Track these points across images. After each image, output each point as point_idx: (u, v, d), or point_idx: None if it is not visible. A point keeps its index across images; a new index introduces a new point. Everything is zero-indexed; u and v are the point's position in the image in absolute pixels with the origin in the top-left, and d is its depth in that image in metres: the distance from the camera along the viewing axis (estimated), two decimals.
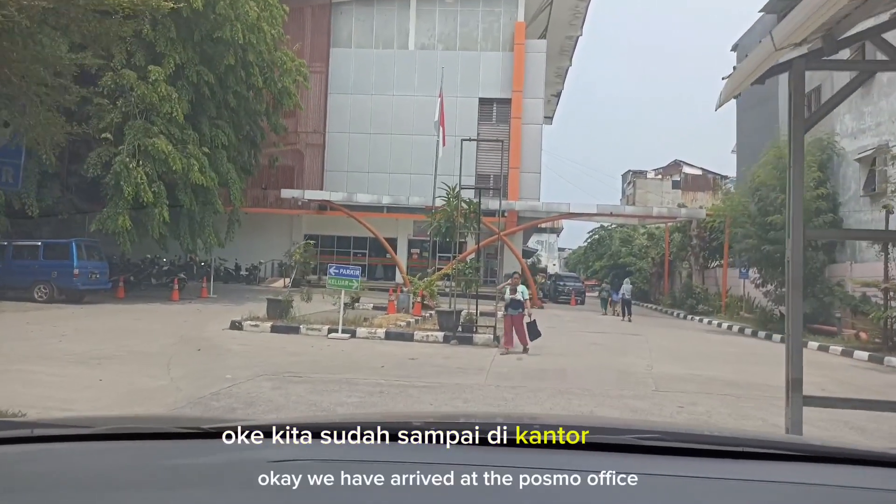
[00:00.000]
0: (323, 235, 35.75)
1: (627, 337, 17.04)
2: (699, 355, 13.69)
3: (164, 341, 11.52)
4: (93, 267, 18.24)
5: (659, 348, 14.37)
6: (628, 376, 10.17)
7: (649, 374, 10.51)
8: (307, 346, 11.98)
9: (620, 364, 11.58)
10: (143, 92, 18.77)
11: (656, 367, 11.20)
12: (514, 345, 12.14)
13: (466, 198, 13.87)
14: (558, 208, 27.91)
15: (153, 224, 19.48)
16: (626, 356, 12.78)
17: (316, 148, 35.32)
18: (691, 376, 10.50)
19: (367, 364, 10.34)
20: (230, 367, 9.12)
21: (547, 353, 12.58)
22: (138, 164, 18.86)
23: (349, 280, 13.17)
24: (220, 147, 22.59)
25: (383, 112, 34.90)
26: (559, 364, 11.32)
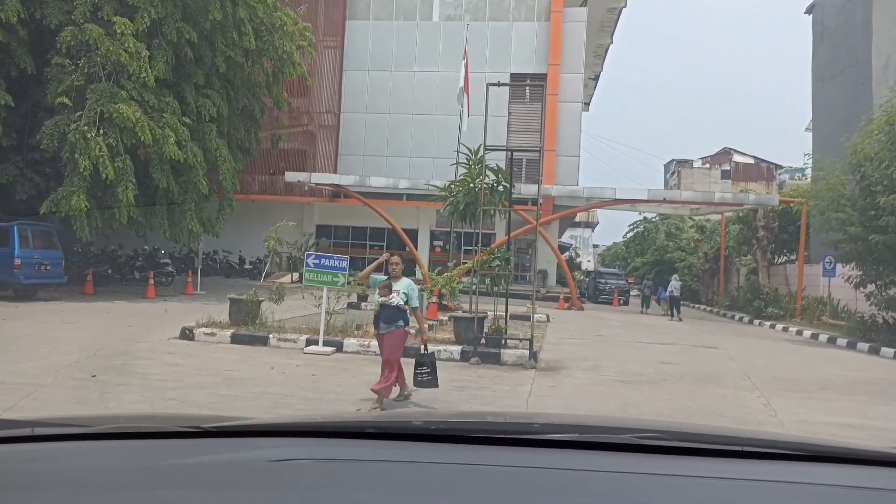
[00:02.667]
0: (336, 226, 32.53)
1: (701, 351, 13.22)
2: (815, 382, 9.84)
3: (68, 357, 8.20)
4: (42, 257, 15.11)
5: (754, 369, 10.57)
6: (749, 427, 6.43)
7: (776, 421, 6.79)
8: (267, 366, 8.53)
9: (722, 402, 7.81)
10: (108, 49, 15.56)
11: (777, 407, 7.46)
12: (398, 392, 6.86)
13: (493, 164, 10.26)
14: (602, 194, 24.00)
15: (120, 206, 16.29)
16: (720, 385, 9.03)
17: (329, 130, 32.02)
18: (839, 425, 6.77)
19: (338, 399, 6.86)
20: (110, 410, 5.71)
21: (606, 378, 8.92)
22: (98, 133, 15.67)
23: (333, 274, 9.69)
24: (206, 119, 19.34)
25: (403, 90, 31.43)
26: (631, 400, 7.61)
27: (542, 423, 1.55)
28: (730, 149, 53.22)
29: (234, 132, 21.68)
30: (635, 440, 1.21)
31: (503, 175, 10.12)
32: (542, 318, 17.53)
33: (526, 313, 17.03)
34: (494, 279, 9.96)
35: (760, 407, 7.51)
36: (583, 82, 31.98)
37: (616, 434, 1.31)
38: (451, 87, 30.77)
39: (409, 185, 25.91)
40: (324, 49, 31.91)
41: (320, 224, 32.45)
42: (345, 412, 6.12)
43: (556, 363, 9.93)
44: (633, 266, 44.34)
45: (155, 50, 17.23)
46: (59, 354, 8.53)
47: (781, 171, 52.94)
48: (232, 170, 20.28)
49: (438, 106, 30.79)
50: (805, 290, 22.97)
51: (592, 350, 11.96)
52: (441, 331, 13.09)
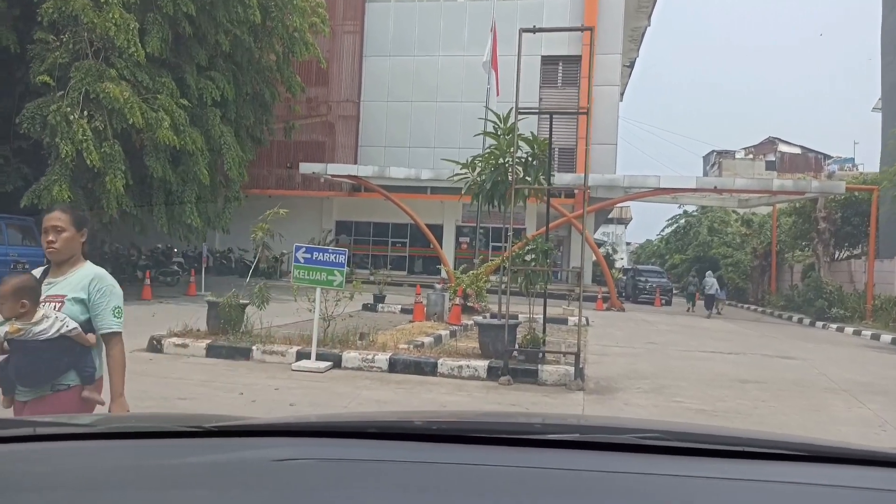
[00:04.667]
0: (357, 222, 30.76)
1: (779, 363, 10.97)
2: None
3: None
4: (20, 255, 13.52)
5: (858, 388, 8.35)
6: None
7: None
8: (236, 390, 6.65)
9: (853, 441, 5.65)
10: (93, 20, 13.90)
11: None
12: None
13: (527, 133, 8.18)
14: (644, 182, 21.65)
15: (108, 197, 14.65)
16: (831, 415, 6.83)
17: (349, 120, 30.22)
18: None
19: None
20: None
21: (679, 406, 6.82)
22: (83, 115, 14.03)
23: (328, 271, 7.76)
24: (209, 104, 17.65)
25: (427, 76, 29.47)
26: None
27: (543, 423, 1.57)
28: (775, 138, 50.06)
29: (243, 119, 19.95)
30: (636, 440, 1.20)
31: (540, 146, 8.08)
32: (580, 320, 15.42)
33: (561, 316, 14.92)
34: (529, 277, 7.90)
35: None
36: (620, 64, 29.64)
37: (617, 434, 1.29)
38: (479, 72, 28.77)
39: (431, 176, 23.93)
40: (342, 34, 30.17)
41: (340, 220, 30.71)
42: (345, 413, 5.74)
43: (609, 383, 7.86)
44: (671, 263, 41.80)
45: (149, 24, 15.56)
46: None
47: (830, 161, 49.66)
48: (238, 159, 18.55)
49: (464, 93, 28.82)
50: (875, 289, 20.40)
51: (649, 363, 9.85)
52: (465, 338, 11.10)
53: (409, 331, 10.86)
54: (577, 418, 2.90)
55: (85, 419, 1.48)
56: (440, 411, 5.25)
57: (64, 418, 1.50)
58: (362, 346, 8.48)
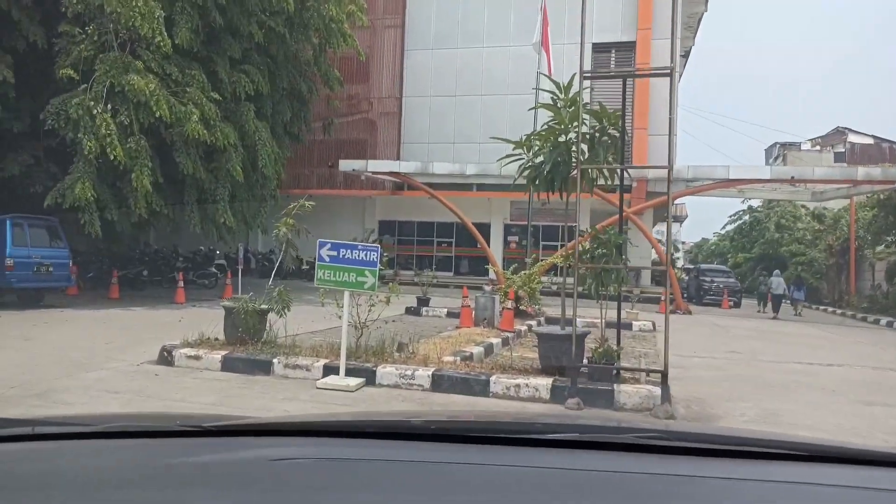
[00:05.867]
0: (400, 221, 29.64)
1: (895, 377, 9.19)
2: None
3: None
4: (43, 256, 12.78)
5: None
6: None
7: None
8: (247, 414, 5.42)
9: None
10: (116, 9, 13.08)
11: None
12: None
13: (594, 103, 6.73)
14: (712, 174, 19.72)
15: (135, 196, 13.82)
16: None
17: (391, 116, 29.14)
18: None
19: None
20: None
21: None
22: (107, 108, 13.23)
23: (358, 271, 6.50)
24: (243, 98, 16.75)
25: (471, 69, 28.14)
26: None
27: (544, 422, 1.54)
28: (844, 128, 46.74)
29: (279, 115, 19.03)
30: (636, 440, 1.20)
31: (610, 119, 6.64)
32: (646, 325, 13.82)
33: (625, 320, 13.34)
34: (601, 276, 6.44)
35: None
36: (678, 49, 27.68)
37: (617, 434, 1.29)
38: (526, 62, 27.27)
39: (477, 171, 22.59)
40: (383, 29, 29.17)
41: (383, 219, 29.64)
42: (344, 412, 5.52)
43: (703, 407, 6.36)
44: (733, 262, 39.33)
45: (177, 14, 14.72)
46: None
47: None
48: (274, 156, 17.60)
49: (510, 85, 27.39)
50: None
51: (741, 379, 8.26)
52: (519, 347, 9.70)
53: (455, 339, 9.53)
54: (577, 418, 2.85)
55: (84, 419, 1.47)
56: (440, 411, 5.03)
57: (63, 418, 1.50)
58: (400, 359, 7.19)
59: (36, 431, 1.28)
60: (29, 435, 1.27)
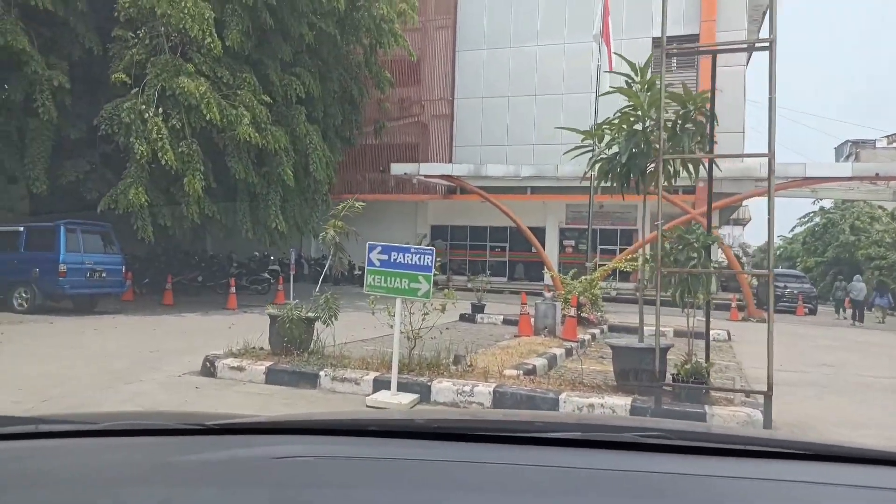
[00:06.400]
0: (453, 226, 29.05)
1: None
2: None
3: None
4: (96, 262, 12.70)
5: None
6: None
7: None
8: None
9: None
10: (166, 11, 12.96)
11: None
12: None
13: (675, 86, 5.90)
14: (786, 171, 18.34)
15: (188, 201, 13.66)
16: None
17: (443, 119, 28.64)
18: None
19: None
20: None
21: None
22: (158, 112, 13.11)
23: (411, 276, 5.88)
24: (294, 101, 16.49)
25: (525, 68, 27.40)
26: None
27: (545, 421, 1.56)
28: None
29: (330, 118, 18.75)
30: (638, 438, 1.19)
31: (697, 102, 5.83)
32: (720, 334, 12.74)
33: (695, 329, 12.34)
34: (687, 282, 5.61)
35: None
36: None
37: (619, 432, 1.28)
38: (581, 59, 26.37)
39: (532, 173, 21.80)
40: (434, 30, 28.75)
41: (435, 224, 29.13)
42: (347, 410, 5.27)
43: (814, 434, 5.45)
44: (803, 267, 37.15)
45: (228, 16, 14.55)
46: None
47: None
48: (326, 159, 17.29)
49: (565, 85, 26.53)
50: None
51: (846, 399, 7.26)
52: (585, 359, 8.89)
53: (515, 349, 8.81)
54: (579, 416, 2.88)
55: (88, 417, 1.43)
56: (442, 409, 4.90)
57: (67, 416, 1.46)
58: (458, 373, 6.52)
59: (39, 429, 1.28)
60: (32, 433, 1.27)
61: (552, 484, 1.02)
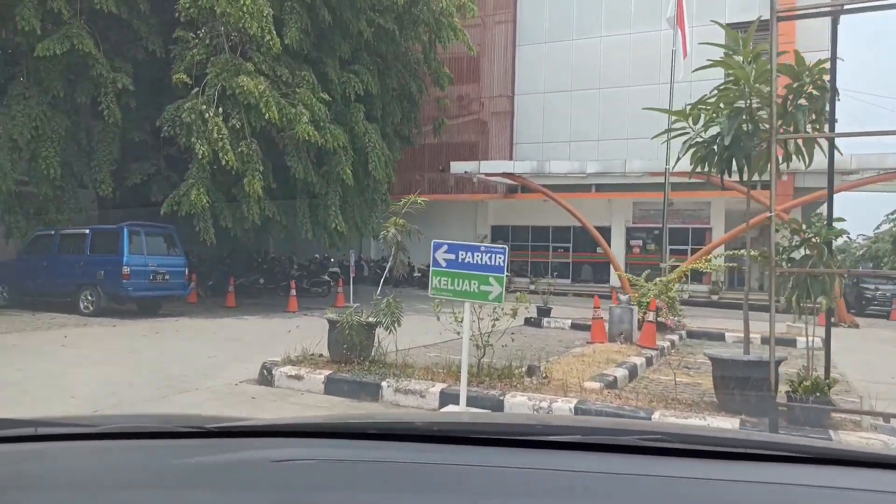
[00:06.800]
0: (514, 226, 28.30)
1: None
2: None
3: None
4: (159, 264, 12.67)
5: None
6: None
7: None
8: None
9: None
10: (225, 10, 12.83)
11: None
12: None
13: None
14: (882, 162, 16.77)
15: (248, 202, 13.50)
16: None
17: (502, 116, 27.96)
18: None
19: None
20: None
21: None
22: (218, 112, 12.98)
23: (481, 278, 5.29)
24: (353, 99, 16.18)
25: (588, 61, 26.38)
26: None
27: (545, 424, 1.51)
28: None
29: (389, 116, 18.38)
30: (638, 442, 1.19)
31: (812, 73, 5.01)
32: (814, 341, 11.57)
33: (785, 335, 11.22)
34: (808, 284, 4.79)
35: None
36: (830, 24, 24.42)
37: (619, 436, 1.26)
38: (648, 49, 25.19)
39: (598, 170, 20.86)
40: (493, 25, 28.11)
41: (496, 224, 28.44)
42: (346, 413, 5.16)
43: None
44: (891, 266, 34.57)
45: (287, 14, 14.35)
46: (47, 402, 5.23)
47: None
48: (385, 158, 16.93)
49: (632, 76, 25.41)
50: None
51: None
52: (667, 369, 8.08)
53: (590, 357, 8.09)
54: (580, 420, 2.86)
55: (87, 419, 1.45)
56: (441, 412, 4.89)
57: (66, 419, 1.49)
58: (532, 386, 5.89)
59: (39, 432, 1.27)
60: (32, 436, 1.26)
61: (553, 487, 1.02)
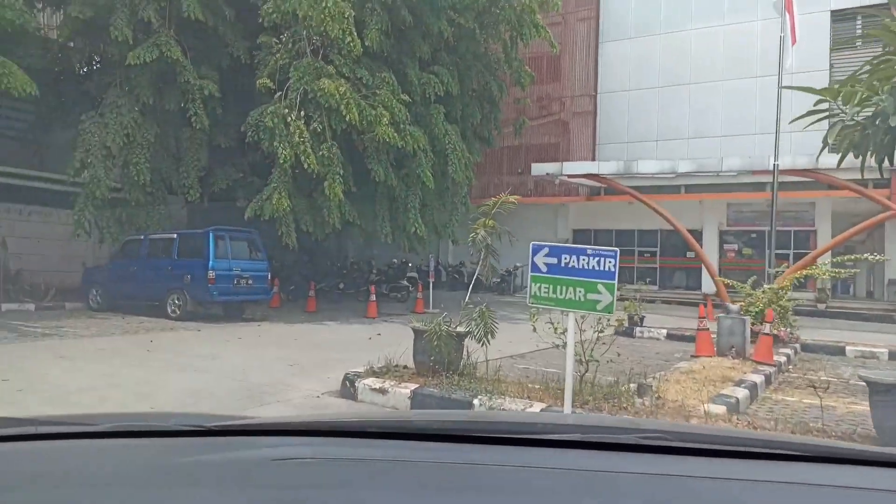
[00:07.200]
0: (596, 229, 27.18)
1: None
2: None
3: None
4: (243, 268, 12.66)
5: None
6: None
7: None
8: None
9: None
10: (308, 13, 12.73)
11: None
12: None
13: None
14: None
15: (329, 206, 13.34)
16: None
17: (585, 116, 26.97)
18: None
19: None
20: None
21: None
22: (300, 115, 12.88)
23: (588, 285, 4.64)
24: (432, 100, 15.82)
25: (677, 56, 25.04)
26: None
27: (545, 422, 1.53)
28: None
29: (469, 117, 17.91)
30: (637, 440, 1.18)
31: None
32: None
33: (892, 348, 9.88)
34: None
35: None
36: None
37: (618, 434, 1.27)
38: (742, 41, 23.63)
39: (692, 169, 19.57)
40: (575, 22, 27.19)
41: (577, 228, 27.41)
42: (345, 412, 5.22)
43: None
44: None
45: (367, 15, 14.16)
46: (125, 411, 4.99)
47: None
48: (465, 160, 16.46)
49: (725, 70, 23.94)
50: None
51: None
52: (790, 389, 7.12)
53: (701, 374, 7.25)
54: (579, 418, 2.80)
55: (87, 418, 1.42)
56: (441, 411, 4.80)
57: (66, 417, 1.49)
58: (646, 408, 5.17)
59: (39, 431, 1.27)
60: (31, 434, 1.26)
61: (552, 486, 1.00)
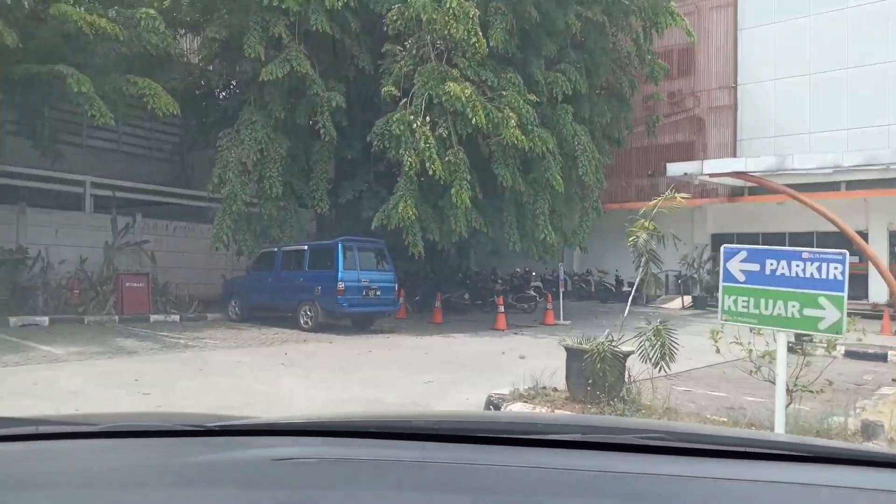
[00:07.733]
0: (739, 233, 24.86)
1: None
2: None
3: None
4: (371, 280, 12.44)
5: None
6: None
7: None
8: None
9: None
10: (431, 16, 12.38)
11: None
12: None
13: None
14: None
15: (455, 213, 12.86)
16: None
17: (723, 111, 24.87)
18: None
19: None
20: None
21: None
22: (425, 121, 12.52)
23: (807, 298, 3.67)
24: (560, 100, 14.96)
25: (829, 38, 22.42)
26: None
27: (546, 423, 1.55)
28: None
29: (597, 116, 16.85)
30: (639, 440, 1.18)
31: None
32: None
33: None
34: None
35: None
36: None
37: (619, 434, 1.26)
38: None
39: (859, 162, 17.19)
40: (709, 10, 25.20)
41: (716, 233, 25.25)
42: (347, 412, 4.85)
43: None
44: None
45: (492, 15, 13.61)
46: None
47: None
48: (595, 163, 15.45)
49: (888, 50, 21.07)
50: None
51: None
52: None
53: None
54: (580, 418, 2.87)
55: (87, 418, 1.42)
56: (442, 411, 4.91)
57: (66, 417, 1.50)
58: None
59: (39, 431, 1.27)
60: (32, 434, 1.26)
61: (553, 486, 1.01)
